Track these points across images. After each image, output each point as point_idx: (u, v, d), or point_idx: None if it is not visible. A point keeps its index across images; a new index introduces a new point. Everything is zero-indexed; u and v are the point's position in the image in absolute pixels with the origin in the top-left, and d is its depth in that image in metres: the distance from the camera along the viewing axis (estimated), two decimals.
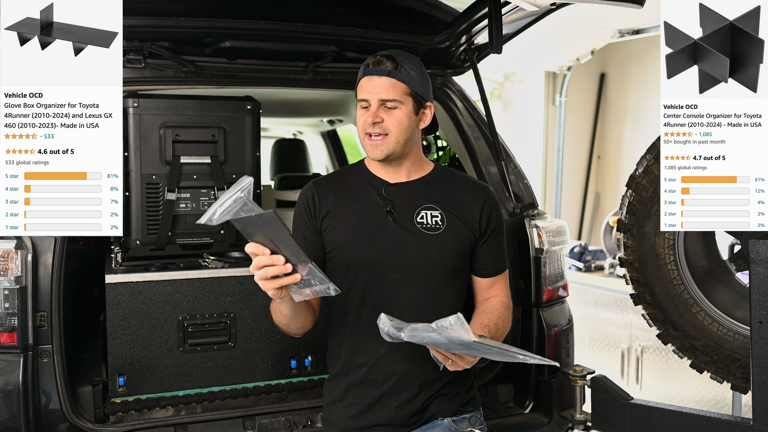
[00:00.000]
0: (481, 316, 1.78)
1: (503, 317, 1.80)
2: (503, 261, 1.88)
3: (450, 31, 2.50)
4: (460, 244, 1.78)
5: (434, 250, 1.76)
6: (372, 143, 1.74)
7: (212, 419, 2.20)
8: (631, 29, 4.79)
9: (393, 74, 1.71)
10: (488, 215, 1.82)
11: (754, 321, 1.75)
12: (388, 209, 1.77)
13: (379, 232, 1.76)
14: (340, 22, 2.45)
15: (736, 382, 2.10)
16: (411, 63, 1.75)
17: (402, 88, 1.72)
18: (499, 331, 1.75)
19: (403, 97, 1.72)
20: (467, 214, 1.80)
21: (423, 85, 1.77)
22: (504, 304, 1.84)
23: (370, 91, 1.73)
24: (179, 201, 2.27)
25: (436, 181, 1.84)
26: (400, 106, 1.72)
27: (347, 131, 5.01)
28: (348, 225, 1.78)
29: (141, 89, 2.33)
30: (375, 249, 1.75)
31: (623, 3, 1.93)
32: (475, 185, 1.88)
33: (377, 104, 1.72)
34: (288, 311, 1.68)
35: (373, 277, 1.76)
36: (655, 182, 2.11)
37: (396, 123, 1.72)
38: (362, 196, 1.81)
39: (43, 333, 2.03)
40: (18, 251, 1.98)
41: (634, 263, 2.21)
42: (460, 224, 1.79)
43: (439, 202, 1.80)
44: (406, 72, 1.72)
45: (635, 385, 4.14)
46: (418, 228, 1.76)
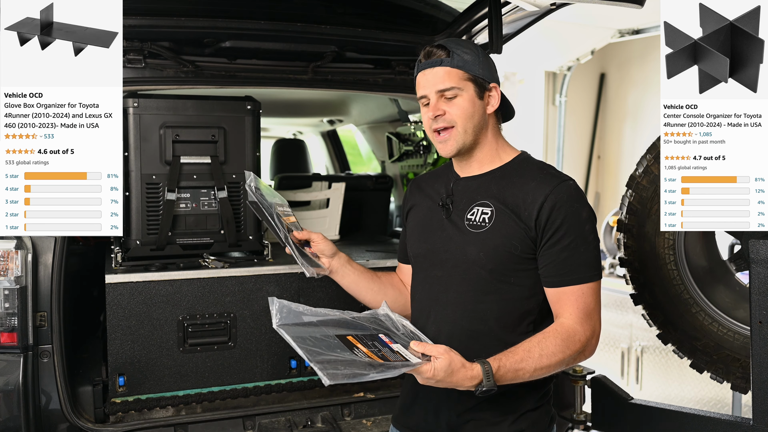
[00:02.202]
0: (521, 343, 1.53)
1: (547, 347, 1.49)
2: (575, 271, 1.55)
3: (450, 31, 2.50)
4: (507, 245, 1.57)
5: (473, 250, 1.60)
6: (440, 140, 1.65)
7: (212, 419, 2.20)
8: (631, 29, 4.80)
9: (445, 62, 1.61)
10: (549, 213, 1.55)
11: (754, 321, 1.75)
12: (441, 204, 1.69)
13: (433, 228, 1.70)
14: (340, 22, 2.45)
15: (736, 382, 2.10)
16: (464, 47, 1.64)
17: (458, 74, 1.61)
18: (525, 363, 1.48)
19: (461, 83, 1.61)
20: (524, 212, 1.57)
21: (482, 66, 1.64)
22: (558, 332, 1.52)
23: (426, 85, 1.64)
24: (179, 201, 2.27)
25: (505, 174, 1.67)
26: (460, 93, 1.61)
27: (347, 131, 5.01)
28: (416, 220, 1.77)
29: (141, 89, 2.33)
30: (426, 244, 1.70)
31: (623, 3, 1.93)
32: (544, 178, 1.61)
33: (436, 96, 1.62)
34: (344, 285, 1.88)
35: (422, 273, 1.71)
36: (655, 182, 2.11)
37: (460, 112, 1.61)
38: (436, 191, 1.75)
39: (43, 333, 2.03)
40: (18, 251, 1.98)
41: (634, 263, 2.21)
42: (512, 223, 1.58)
43: (496, 197, 1.62)
44: (460, 57, 1.61)
45: (635, 385, 4.14)
46: (465, 225, 1.63)
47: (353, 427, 2.32)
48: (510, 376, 1.47)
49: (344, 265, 1.84)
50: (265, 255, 2.39)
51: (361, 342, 1.45)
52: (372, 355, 1.40)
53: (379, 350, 1.43)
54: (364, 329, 1.52)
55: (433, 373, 1.39)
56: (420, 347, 1.43)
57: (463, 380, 1.42)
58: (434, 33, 2.55)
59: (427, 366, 1.39)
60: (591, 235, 1.59)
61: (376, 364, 1.35)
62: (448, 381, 1.42)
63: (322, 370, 1.29)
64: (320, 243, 1.83)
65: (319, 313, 1.54)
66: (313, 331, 1.46)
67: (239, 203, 2.34)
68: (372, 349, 1.43)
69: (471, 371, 1.43)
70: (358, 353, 1.40)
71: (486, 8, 2.23)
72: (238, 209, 2.34)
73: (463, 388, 1.44)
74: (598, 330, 1.60)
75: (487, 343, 1.58)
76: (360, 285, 1.84)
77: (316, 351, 1.36)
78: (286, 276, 2.30)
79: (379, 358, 1.39)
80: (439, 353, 1.41)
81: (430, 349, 1.42)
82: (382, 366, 1.35)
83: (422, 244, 1.72)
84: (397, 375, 1.37)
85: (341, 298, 2.26)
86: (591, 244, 1.59)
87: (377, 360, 1.38)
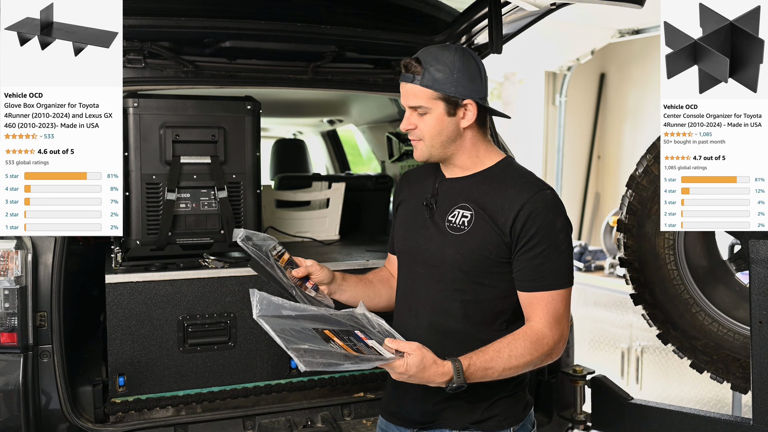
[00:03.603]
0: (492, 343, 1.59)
1: (516, 348, 1.56)
2: (547, 278, 1.61)
3: (450, 31, 2.50)
4: (483, 249, 1.63)
5: (451, 251, 1.66)
6: (413, 145, 1.73)
7: (212, 419, 2.20)
8: (631, 29, 4.79)
9: (416, 80, 1.65)
10: (524, 221, 1.59)
11: (754, 321, 1.75)
12: (425, 203, 1.75)
13: (417, 226, 1.76)
14: (340, 22, 2.45)
15: (736, 382, 2.10)
16: (438, 64, 1.65)
17: (427, 93, 1.65)
18: (494, 362, 1.54)
19: (429, 102, 1.65)
20: (501, 218, 1.62)
21: (455, 84, 1.65)
22: (528, 334, 1.59)
23: (402, 98, 1.70)
24: (179, 201, 2.27)
25: (487, 179, 1.71)
26: (429, 111, 1.66)
27: (347, 131, 5.01)
28: (404, 216, 1.83)
29: (141, 89, 2.33)
30: (410, 241, 1.76)
31: (623, 3, 1.93)
32: (523, 186, 1.65)
33: (409, 111, 1.69)
34: (343, 301, 1.86)
35: (406, 268, 1.78)
36: (655, 182, 2.11)
37: (427, 128, 1.67)
38: (423, 189, 1.81)
39: (43, 333, 2.03)
40: (18, 251, 1.98)
41: (634, 263, 2.21)
42: (489, 228, 1.63)
43: (476, 201, 1.68)
44: (431, 75, 1.64)
45: (635, 385, 4.14)
46: (445, 226, 1.70)
47: (353, 427, 2.32)
48: (479, 374, 1.53)
49: (340, 285, 1.86)
50: None
51: (338, 336, 1.50)
52: (347, 348, 1.45)
53: (355, 344, 1.48)
54: (340, 325, 1.57)
55: (405, 369, 1.45)
56: (394, 344, 1.48)
57: (435, 376, 1.48)
58: (434, 33, 2.55)
59: (400, 361, 1.45)
60: (564, 244, 1.63)
61: (350, 356, 1.41)
62: (420, 377, 1.47)
63: (299, 357, 1.35)
64: (318, 274, 1.82)
65: (298, 308, 1.59)
66: (292, 323, 1.51)
67: (239, 203, 2.34)
68: (347, 343, 1.48)
69: (442, 368, 1.48)
70: (334, 346, 1.45)
71: (486, 8, 2.22)
72: (238, 209, 2.34)
73: (434, 384, 1.49)
74: (566, 334, 1.65)
75: (461, 339, 1.65)
76: (357, 297, 1.87)
77: (293, 341, 1.42)
78: None
79: (354, 351, 1.44)
80: (412, 350, 1.47)
81: (404, 345, 1.48)
82: (356, 358, 1.40)
83: (406, 240, 1.78)
84: (370, 367, 1.42)
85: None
86: (564, 253, 1.63)
87: (352, 353, 1.43)
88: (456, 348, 1.56)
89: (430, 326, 1.69)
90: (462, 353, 1.53)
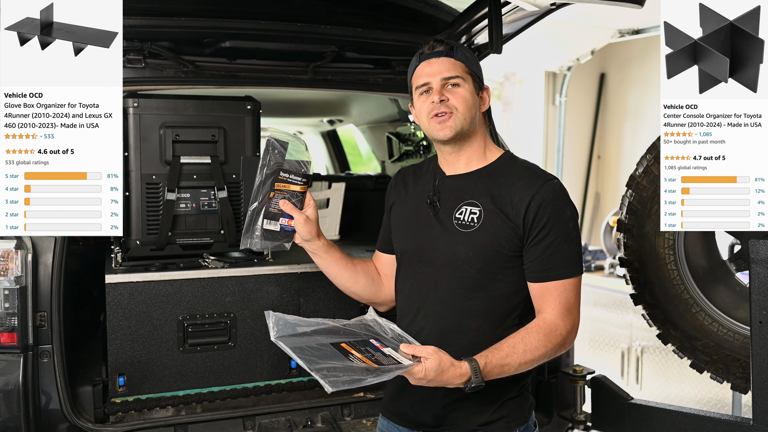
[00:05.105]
0: (506, 339, 1.59)
1: (530, 342, 1.56)
2: (559, 267, 1.62)
3: (450, 31, 2.50)
4: (495, 244, 1.63)
5: (462, 249, 1.65)
6: (439, 121, 1.68)
7: (212, 419, 2.20)
8: (631, 29, 4.79)
9: (451, 54, 1.71)
10: (536, 211, 1.61)
11: (754, 321, 1.75)
12: (429, 201, 1.75)
13: (421, 225, 1.75)
14: (340, 22, 2.45)
15: (736, 382, 2.10)
16: (462, 48, 1.75)
17: (462, 66, 1.71)
18: (510, 358, 1.54)
19: (464, 74, 1.71)
20: (512, 211, 1.63)
21: (479, 68, 1.76)
22: (540, 327, 1.59)
23: (431, 73, 1.70)
24: (179, 201, 2.27)
25: (492, 173, 1.72)
26: (463, 84, 1.70)
27: (347, 131, 5.01)
28: (402, 215, 1.82)
29: (141, 89, 2.33)
30: (414, 241, 1.75)
31: (623, 3, 1.93)
32: (530, 177, 1.67)
33: (440, 83, 1.69)
34: (320, 267, 1.90)
35: (410, 269, 1.76)
36: (655, 182, 2.11)
37: (461, 100, 1.69)
38: (421, 188, 1.80)
39: (43, 333, 2.03)
40: (18, 251, 1.98)
41: (634, 263, 2.21)
42: (500, 223, 1.63)
43: (483, 197, 1.68)
44: (462, 53, 1.72)
45: (635, 385, 4.14)
46: (453, 224, 1.68)
47: (353, 427, 2.32)
48: (497, 372, 1.53)
49: (325, 250, 1.87)
50: (265, 255, 2.39)
51: (355, 348, 1.51)
52: (367, 360, 1.46)
53: (372, 354, 1.49)
54: (355, 336, 1.58)
55: (424, 374, 1.45)
56: (410, 349, 1.48)
57: (453, 378, 1.48)
58: (434, 33, 2.55)
59: (418, 367, 1.45)
60: (574, 233, 1.66)
61: (372, 369, 1.42)
62: (439, 380, 1.47)
63: (324, 378, 1.36)
64: (302, 226, 1.81)
65: (312, 323, 1.60)
66: (309, 340, 1.52)
67: (239, 203, 2.34)
68: (366, 354, 1.48)
69: (460, 369, 1.48)
70: (354, 359, 1.46)
71: (486, 8, 2.23)
72: (238, 209, 2.34)
73: (452, 385, 1.49)
74: (578, 324, 1.67)
75: (474, 338, 1.64)
76: (331, 271, 1.90)
77: (314, 360, 1.43)
78: (286, 276, 2.30)
79: (373, 362, 1.45)
80: (429, 354, 1.46)
81: (420, 350, 1.47)
82: (377, 371, 1.41)
83: (410, 240, 1.76)
84: (391, 378, 1.41)
85: (340, 299, 2.26)
86: (573, 241, 1.65)
87: (372, 365, 1.44)
88: (469, 348, 1.55)
89: (441, 327, 1.67)
90: (476, 352, 1.53)
